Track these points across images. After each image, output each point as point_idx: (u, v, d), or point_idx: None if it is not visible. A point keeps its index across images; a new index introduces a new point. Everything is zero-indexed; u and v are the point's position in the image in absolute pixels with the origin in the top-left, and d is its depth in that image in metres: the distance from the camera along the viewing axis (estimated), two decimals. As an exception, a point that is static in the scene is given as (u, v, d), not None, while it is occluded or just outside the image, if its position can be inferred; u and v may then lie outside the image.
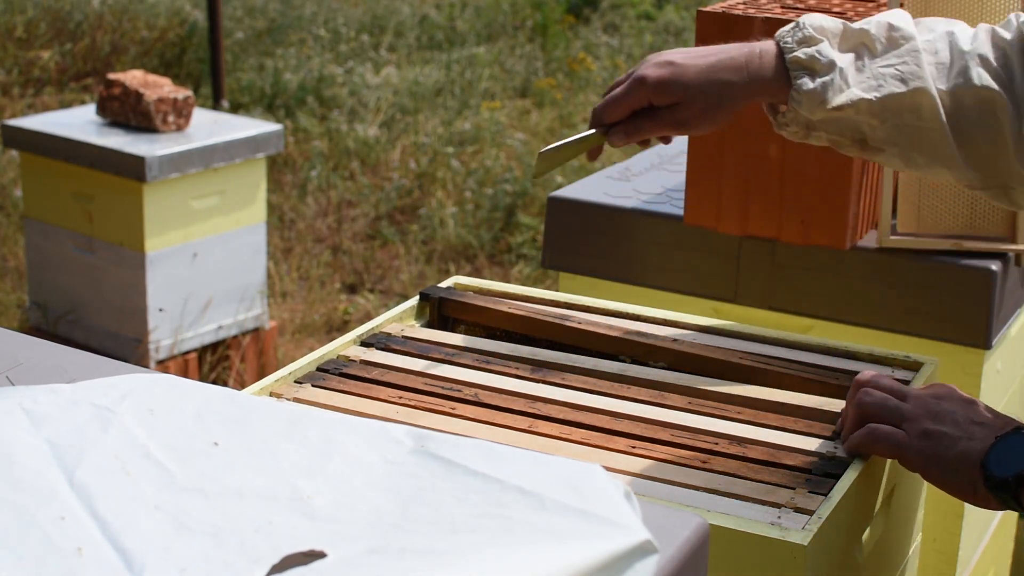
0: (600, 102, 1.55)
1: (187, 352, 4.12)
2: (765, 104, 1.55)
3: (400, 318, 1.70)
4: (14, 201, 5.47)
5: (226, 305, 4.18)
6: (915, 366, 1.59)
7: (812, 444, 1.39)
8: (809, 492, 1.29)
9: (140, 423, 0.90)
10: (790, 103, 1.50)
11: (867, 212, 2.11)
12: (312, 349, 4.16)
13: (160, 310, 3.98)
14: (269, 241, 5.01)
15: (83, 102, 6.63)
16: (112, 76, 4.10)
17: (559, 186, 4.78)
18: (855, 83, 1.50)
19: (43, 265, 4.24)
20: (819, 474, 1.33)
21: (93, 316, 4.13)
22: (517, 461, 0.86)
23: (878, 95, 1.49)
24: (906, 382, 1.54)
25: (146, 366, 3.70)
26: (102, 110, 4.10)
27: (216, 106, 6.27)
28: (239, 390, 1.09)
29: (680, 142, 2.74)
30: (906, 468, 1.38)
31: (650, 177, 2.46)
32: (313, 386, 1.49)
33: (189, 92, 4.10)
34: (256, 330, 4.30)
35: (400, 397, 1.47)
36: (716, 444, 1.38)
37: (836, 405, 1.48)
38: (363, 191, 5.90)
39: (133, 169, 3.85)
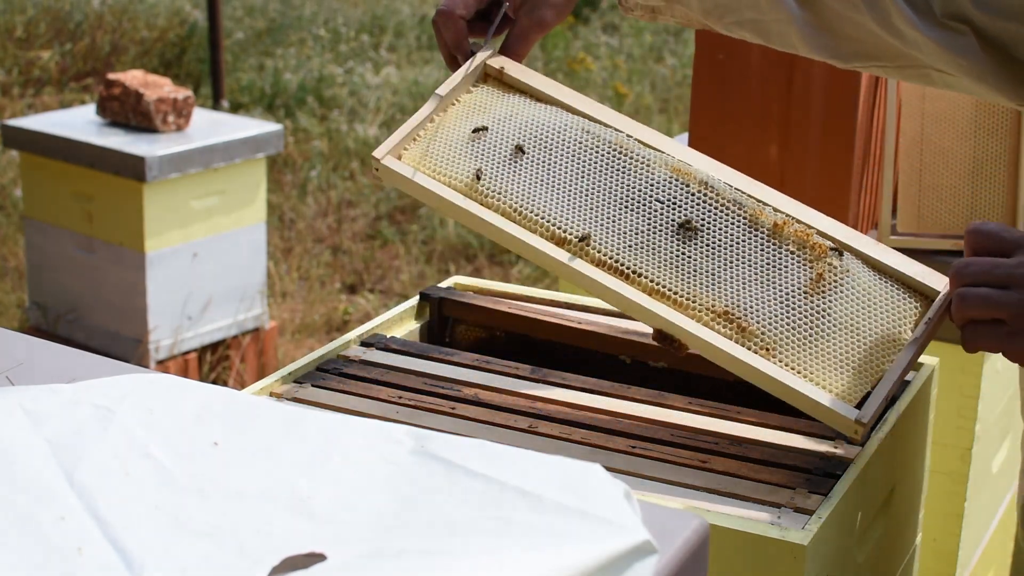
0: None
1: (187, 352, 4.12)
2: None
3: (400, 318, 1.70)
4: (14, 201, 5.47)
5: (226, 305, 4.18)
6: (915, 366, 1.59)
7: (812, 444, 1.39)
8: (809, 492, 1.29)
9: (140, 423, 0.90)
10: None
11: (867, 212, 2.11)
12: (312, 349, 4.16)
13: (158, 315, 3.97)
14: (269, 241, 5.01)
15: (83, 102, 6.63)
16: (112, 76, 4.10)
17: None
18: None
19: (43, 265, 4.24)
20: (819, 474, 1.33)
21: (93, 316, 4.13)
22: (517, 461, 0.86)
23: None
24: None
25: (146, 366, 3.70)
26: (102, 110, 4.10)
27: (216, 106, 6.27)
28: (239, 390, 1.09)
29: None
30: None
31: (650, 177, 2.46)
32: (313, 386, 1.49)
33: (189, 92, 4.10)
34: (256, 330, 4.30)
35: (400, 397, 1.47)
36: (716, 444, 1.38)
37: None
38: (363, 191, 5.90)
39: (133, 169, 3.85)
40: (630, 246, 1.39)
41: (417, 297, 1.74)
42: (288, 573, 0.73)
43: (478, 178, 1.44)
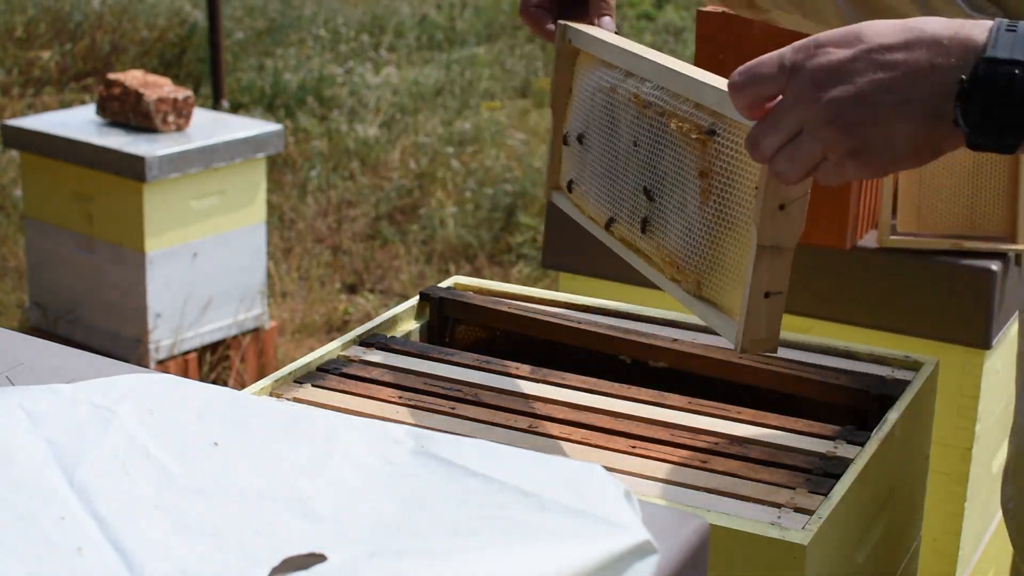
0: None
1: (187, 352, 4.12)
2: None
3: (400, 319, 1.70)
4: (14, 201, 5.47)
5: (226, 305, 4.18)
6: (915, 366, 1.59)
7: (812, 444, 1.39)
8: (809, 492, 1.29)
9: (140, 423, 0.90)
10: None
11: (867, 212, 2.11)
12: (312, 349, 4.16)
13: (158, 315, 3.98)
14: (269, 241, 5.01)
15: (83, 102, 6.63)
16: (112, 76, 4.10)
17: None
18: None
19: (43, 265, 4.24)
20: (819, 474, 1.33)
21: (93, 316, 4.13)
22: (517, 461, 0.86)
23: None
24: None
25: (146, 366, 3.70)
26: (102, 110, 4.10)
27: (216, 106, 6.27)
28: (239, 390, 1.09)
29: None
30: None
31: (650, 177, 2.46)
32: (313, 386, 1.49)
33: (189, 92, 4.10)
34: (256, 330, 4.30)
35: (400, 397, 1.47)
36: (716, 444, 1.38)
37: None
38: (363, 191, 5.90)
39: (133, 169, 3.85)
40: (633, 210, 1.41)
41: (417, 297, 1.74)
42: (288, 573, 0.74)
43: (570, 189, 1.55)
